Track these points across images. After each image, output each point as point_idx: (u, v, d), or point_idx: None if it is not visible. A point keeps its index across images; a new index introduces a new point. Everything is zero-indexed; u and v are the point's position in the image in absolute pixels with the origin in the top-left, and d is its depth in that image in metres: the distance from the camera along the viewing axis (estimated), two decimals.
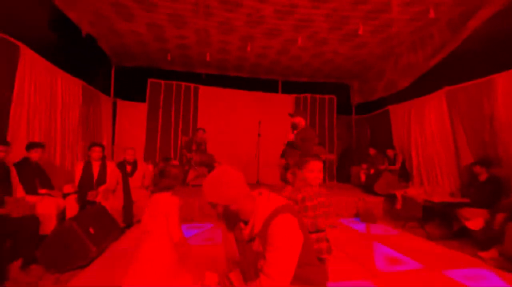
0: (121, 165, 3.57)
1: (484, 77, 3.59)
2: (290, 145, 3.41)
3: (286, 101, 6.76)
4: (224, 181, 1.12)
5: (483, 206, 3.07)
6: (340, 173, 6.75)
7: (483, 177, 3.38)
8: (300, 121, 3.44)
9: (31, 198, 2.66)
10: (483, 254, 2.66)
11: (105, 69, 5.67)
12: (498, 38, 3.58)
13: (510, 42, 3.47)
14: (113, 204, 3.22)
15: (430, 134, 4.57)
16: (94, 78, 5.15)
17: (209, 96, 6.30)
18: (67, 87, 3.93)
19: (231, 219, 1.15)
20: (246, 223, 1.18)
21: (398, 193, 4.22)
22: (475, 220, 2.99)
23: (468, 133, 3.89)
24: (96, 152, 3.43)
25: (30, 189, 2.76)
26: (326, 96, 6.90)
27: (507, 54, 3.43)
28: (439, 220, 3.76)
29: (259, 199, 1.16)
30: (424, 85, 4.76)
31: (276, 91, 6.87)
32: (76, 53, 4.79)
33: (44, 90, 3.44)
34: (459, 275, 2.24)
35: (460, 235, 3.27)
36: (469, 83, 3.83)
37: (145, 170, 3.86)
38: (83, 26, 3.95)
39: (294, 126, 3.46)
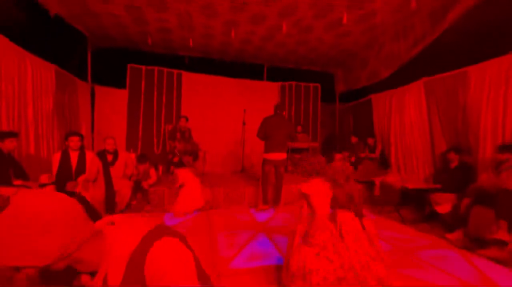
0: (102, 154, 3.47)
1: (459, 68, 3.74)
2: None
3: (271, 88, 6.74)
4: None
5: (453, 191, 3.28)
6: None
7: (454, 164, 3.60)
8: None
9: (5, 190, 2.55)
10: (449, 235, 2.88)
11: (80, 52, 5.34)
12: (473, 32, 3.70)
13: (483, 35, 3.61)
14: (94, 194, 3.15)
15: (408, 123, 4.74)
16: (69, 62, 4.85)
17: (192, 83, 6.15)
18: (38, 72, 3.69)
19: None
20: None
21: (377, 180, 4.41)
22: (443, 204, 3.21)
23: (443, 122, 4.09)
24: (74, 142, 3.31)
25: (4, 181, 2.65)
26: (311, 84, 6.94)
27: (480, 47, 3.57)
28: (414, 205, 4.00)
29: None
30: (405, 75, 4.88)
31: (261, 78, 6.81)
32: (47, 35, 4.46)
33: (12, 75, 3.21)
34: (427, 256, 2.42)
35: (431, 219, 3.51)
36: (445, 74, 3.98)
37: (127, 159, 3.77)
38: (52, 6, 3.68)
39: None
